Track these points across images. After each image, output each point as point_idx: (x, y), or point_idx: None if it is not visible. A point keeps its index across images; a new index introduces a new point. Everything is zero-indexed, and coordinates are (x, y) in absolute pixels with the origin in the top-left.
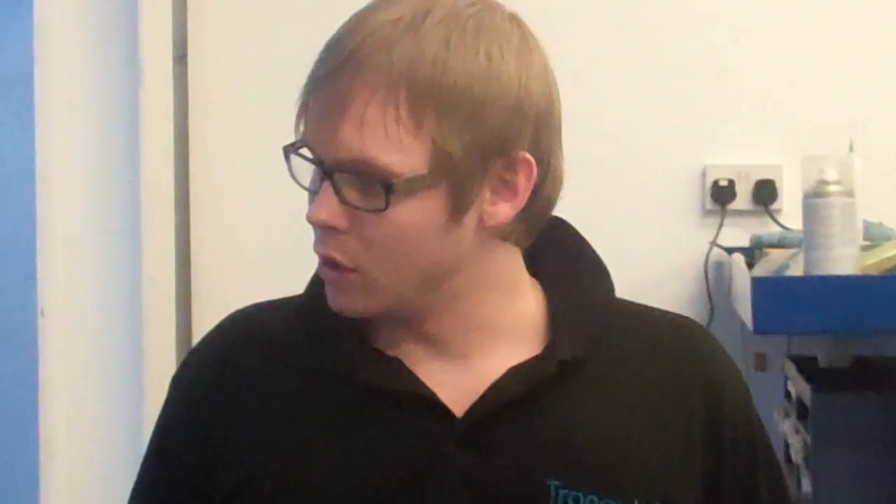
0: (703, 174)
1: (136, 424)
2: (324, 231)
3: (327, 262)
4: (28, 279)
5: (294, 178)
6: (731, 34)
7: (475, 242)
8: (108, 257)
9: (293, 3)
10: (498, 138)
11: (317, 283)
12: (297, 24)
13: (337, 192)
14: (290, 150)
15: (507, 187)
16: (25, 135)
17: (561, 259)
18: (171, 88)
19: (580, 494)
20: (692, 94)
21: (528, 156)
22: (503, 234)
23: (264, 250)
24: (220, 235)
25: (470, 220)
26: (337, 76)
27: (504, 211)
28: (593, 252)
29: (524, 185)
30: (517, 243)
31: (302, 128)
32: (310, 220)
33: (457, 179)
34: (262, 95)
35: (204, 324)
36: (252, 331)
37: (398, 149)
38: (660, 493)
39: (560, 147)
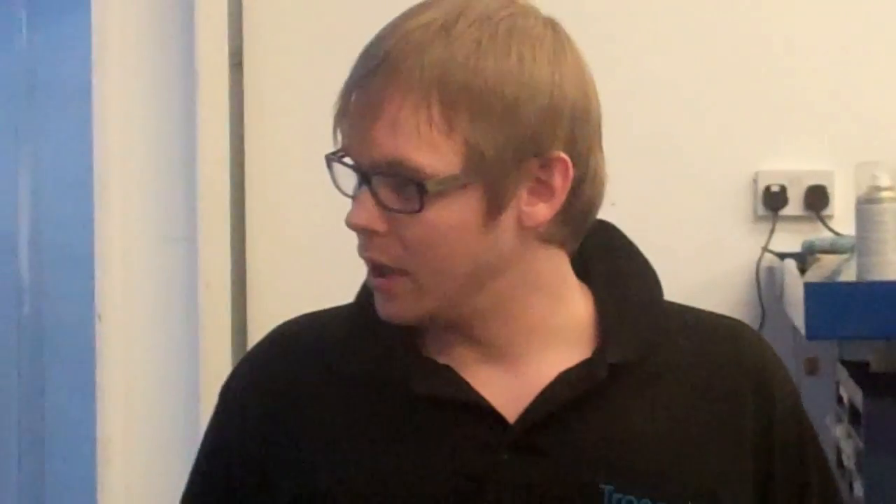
0: (755, 180)
1: (192, 428)
2: (364, 234)
3: (374, 268)
4: (86, 284)
5: (337, 186)
6: (784, 42)
7: (516, 244)
8: (164, 263)
9: (346, 10)
10: (532, 138)
11: (366, 294)
12: (349, 31)
13: (374, 194)
14: (331, 158)
15: (543, 187)
16: (84, 143)
17: (609, 262)
18: (227, 95)
19: (634, 498)
20: (744, 100)
21: (563, 155)
22: (545, 235)
23: (318, 256)
24: (274, 241)
25: (507, 220)
26: (370, 80)
27: (542, 211)
28: (642, 255)
29: (561, 184)
30: (561, 246)
31: (339, 135)
32: (348, 223)
33: (490, 179)
34: (317, 101)
35: (259, 329)
36: (301, 342)
37: (431, 150)
38: (712, 495)
39: (600, 148)
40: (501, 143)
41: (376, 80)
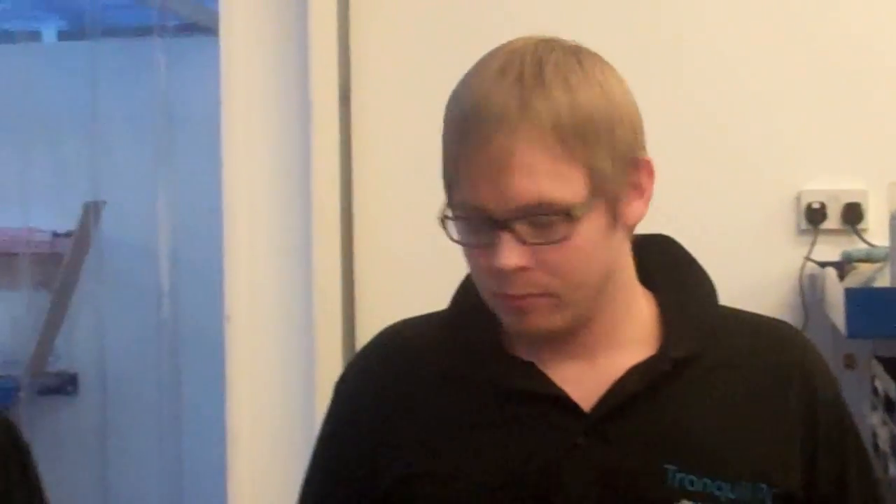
0: (798, 198)
1: (308, 415)
2: (512, 273)
3: (514, 297)
4: (216, 291)
5: (454, 239)
6: (824, 77)
7: (621, 244)
8: (283, 272)
9: (445, 47)
10: (629, 149)
11: (459, 301)
12: (448, 67)
13: (515, 236)
14: (448, 218)
15: (637, 188)
16: (214, 168)
17: (670, 271)
18: (337, 126)
19: (694, 477)
20: (789, 128)
21: (647, 157)
22: (629, 235)
23: (416, 267)
24: (379, 254)
25: (620, 224)
26: (492, 140)
27: (639, 209)
28: (698, 264)
29: (648, 182)
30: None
31: (456, 194)
32: (498, 267)
33: (610, 194)
34: (415, 130)
35: (365, 330)
36: (404, 343)
37: (564, 183)
38: (764, 475)
39: None
40: (611, 161)
41: (499, 138)
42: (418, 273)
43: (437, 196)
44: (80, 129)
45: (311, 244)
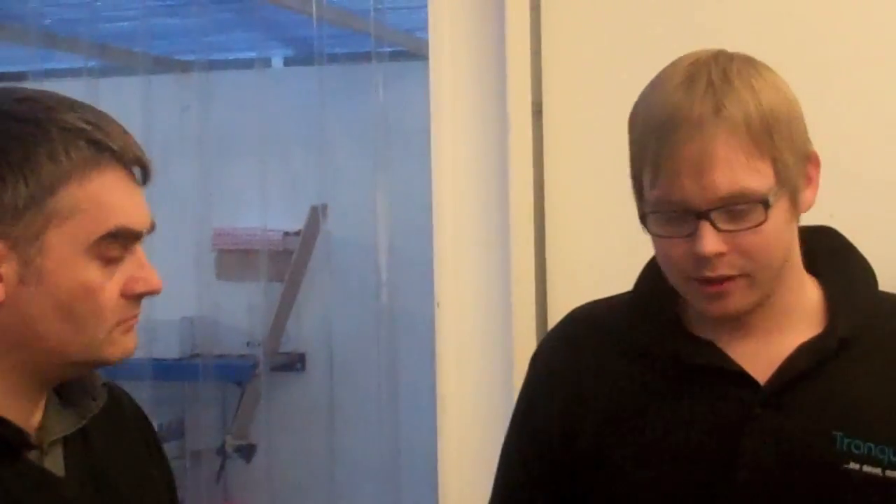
0: None
1: (508, 390)
2: (714, 258)
3: (712, 280)
4: (428, 280)
5: (654, 232)
6: None
7: (795, 228)
8: (485, 264)
9: (624, 67)
10: (803, 143)
11: (643, 284)
12: (624, 84)
13: (714, 225)
14: (648, 213)
15: (809, 178)
16: (425, 173)
17: (835, 259)
18: (531, 136)
19: (860, 441)
20: None
21: (814, 150)
22: (798, 220)
23: (600, 258)
24: (566, 246)
25: (796, 211)
26: (693, 142)
27: (811, 196)
28: (859, 253)
29: (815, 173)
30: None
31: (656, 191)
32: (702, 253)
33: (792, 182)
34: (601, 141)
35: (556, 313)
36: (590, 322)
37: (757, 174)
38: None
39: None
40: (791, 153)
41: (698, 139)
42: (601, 262)
43: (616, 195)
44: (308, 143)
45: (508, 238)
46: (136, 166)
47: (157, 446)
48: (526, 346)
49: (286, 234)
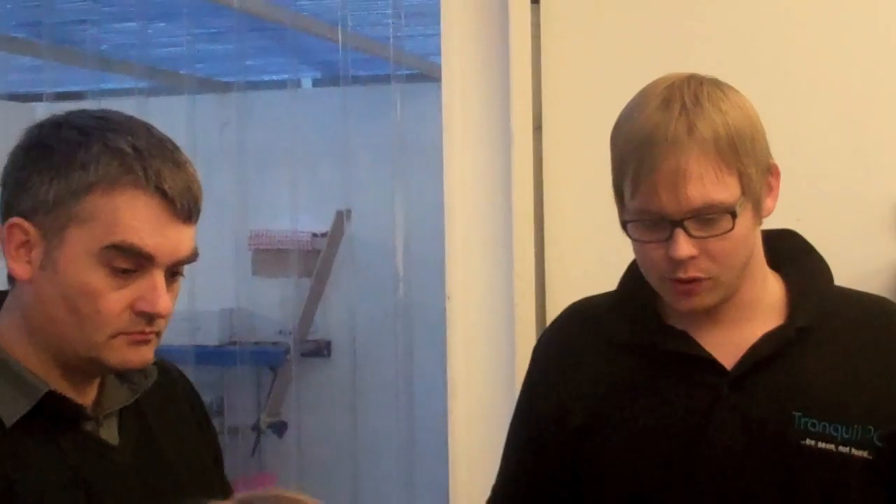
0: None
1: (511, 376)
2: (687, 261)
3: (683, 281)
4: (439, 276)
5: (634, 238)
6: None
7: (757, 233)
8: (490, 261)
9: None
10: (765, 156)
11: (626, 283)
12: (617, 101)
13: (687, 232)
14: (628, 221)
15: (769, 187)
16: (437, 183)
17: (796, 257)
18: (531, 149)
19: (816, 421)
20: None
21: (774, 161)
22: (760, 225)
23: (593, 258)
24: (563, 247)
25: (758, 218)
26: (669, 158)
27: (771, 204)
28: (817, 253)
29: (776, 183)
30: None
31: (635, 202)
32: (676, 256)
33: (755, 193)
34: (594, 154)
35: (554, 307)
36: (583, 316)
37: (725, 187)
38: (874, 422)
39: None
40: (755, 167)
41: (673, 156)
42: (594, 262)
43: (608, 202)
44: (334, 155)
45: (511, 240)
46: (160, 196)
47: (206, 420)
48: (526, 335)
49: (314, 235)
